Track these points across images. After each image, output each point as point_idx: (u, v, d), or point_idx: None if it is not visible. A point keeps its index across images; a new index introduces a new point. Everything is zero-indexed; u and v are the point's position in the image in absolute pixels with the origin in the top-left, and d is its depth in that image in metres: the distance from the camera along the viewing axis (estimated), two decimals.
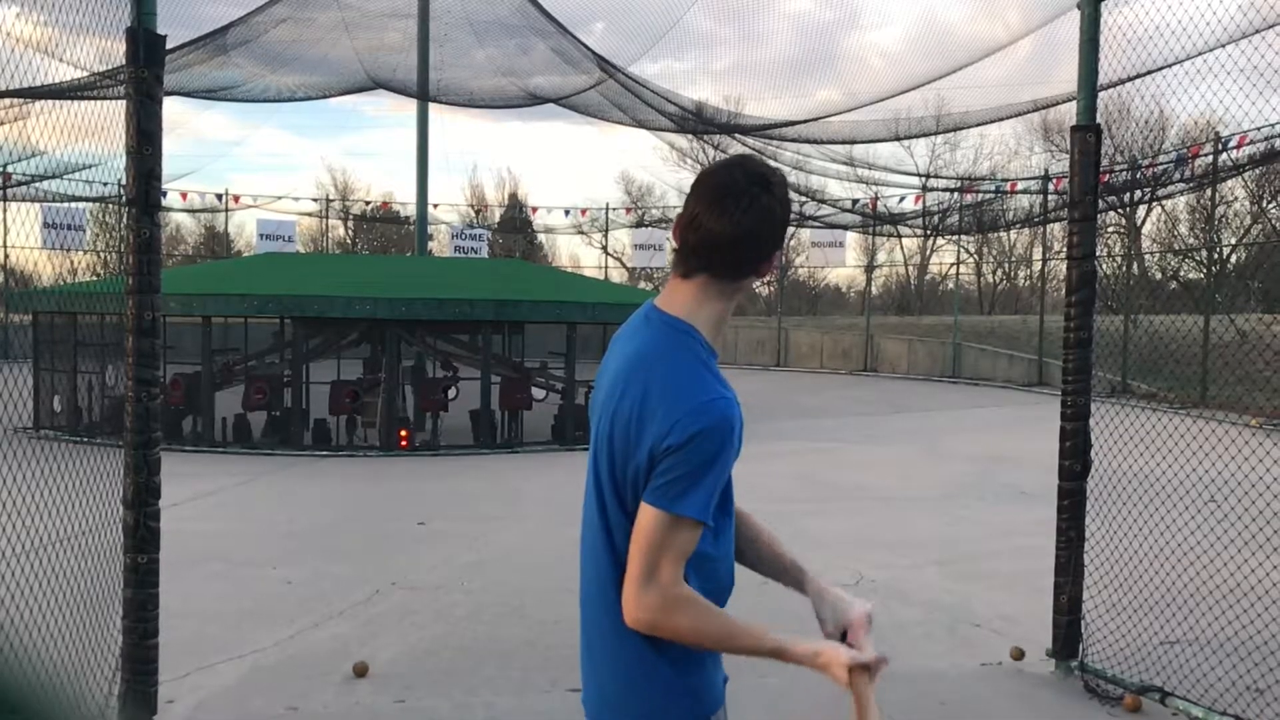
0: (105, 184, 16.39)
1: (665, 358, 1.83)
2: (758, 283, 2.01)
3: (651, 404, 1.79)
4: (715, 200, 1.83)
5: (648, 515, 1.75)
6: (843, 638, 1.92)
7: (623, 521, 1.83)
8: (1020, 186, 27.37)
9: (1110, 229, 24.98)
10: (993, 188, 28.45)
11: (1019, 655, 5.39)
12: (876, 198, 28.89)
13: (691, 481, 1.73)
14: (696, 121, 17.75)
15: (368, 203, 42.31)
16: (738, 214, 1.82)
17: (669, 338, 1.86)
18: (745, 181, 1.84)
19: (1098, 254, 5.35)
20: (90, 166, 4.65)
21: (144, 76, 4.13)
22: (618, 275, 38.94)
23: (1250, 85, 5.41)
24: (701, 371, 1.82)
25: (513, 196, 46.65)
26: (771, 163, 2.04)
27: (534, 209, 40.31)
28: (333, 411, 13.40)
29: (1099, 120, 5.24)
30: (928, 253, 42.63)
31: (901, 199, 27.88)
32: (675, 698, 1.85)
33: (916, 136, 19.98)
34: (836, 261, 33.02)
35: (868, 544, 8.09)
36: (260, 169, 72.23)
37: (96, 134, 4.31)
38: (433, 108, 20.48)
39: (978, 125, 18.69)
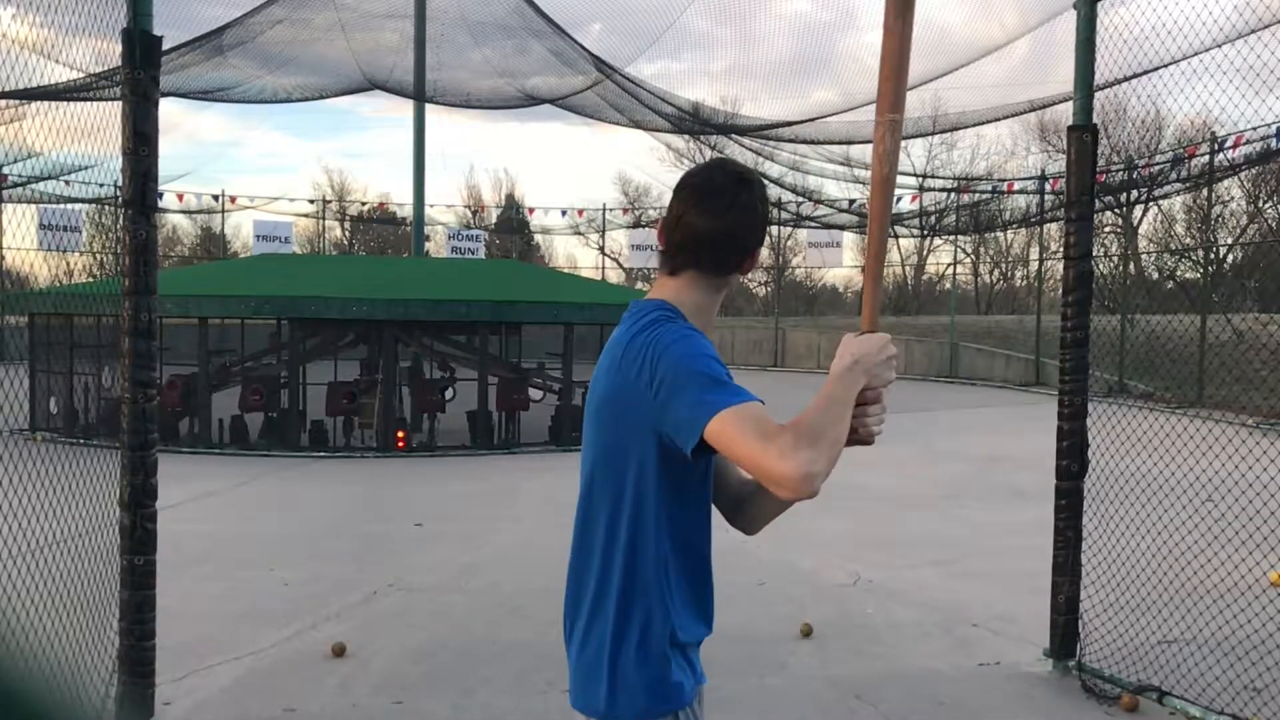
0: (101, 185, 16.38)
1: (636, 329, 1.90)
2: (742, 279, 2.07)
3: (629, 361, 1.86)
4: (699, 199, 1.93)
5: (717, 430, 1.71)
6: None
7: (606, 500, 1.90)
8: (1017, 186, 27.42)
9: (1107, 229, 25.04)
10: (989, 188, 28.49)
11: (807, 631, 5.58)
12: None
13: (698, 386, 1.76)
14: (693, 122, 17.73)
15: (364, 203, 42.29)
16: (721, 210, 1.92)
17: (646, 316, 1.92)
18: (726, 180, 1.96)
19: (1094, 254, 5.36)
20: (86, 168, 4.66)
21: (140, 78, 4.13)
22: (615, 276, 38.95)
23: (1246, 85, 5.42)
24: (664, 321, 1.87)
25: (509, 197, 46.67)
26: (762, 163, 2.12)
27: (531, 210, 40.29)
28: (330, 413, 13.39)
29: (1095, 120, 5.25)
30: (925, 253, 42.70)
31: (898, 199, 27.89)
32: (631, 690, 1.88)
33: (913, 136, 20.01)
34: (833, 262, 33.06)
35: (865, 544, 8.09)
36: (257, 170, 72.11)
37: (92, 135, 4.31)
38: (430, 108, 20.47)
39: (974, 125, 18.71)
